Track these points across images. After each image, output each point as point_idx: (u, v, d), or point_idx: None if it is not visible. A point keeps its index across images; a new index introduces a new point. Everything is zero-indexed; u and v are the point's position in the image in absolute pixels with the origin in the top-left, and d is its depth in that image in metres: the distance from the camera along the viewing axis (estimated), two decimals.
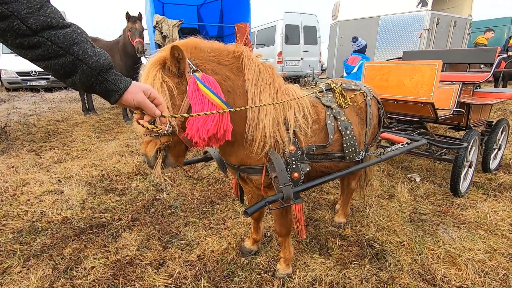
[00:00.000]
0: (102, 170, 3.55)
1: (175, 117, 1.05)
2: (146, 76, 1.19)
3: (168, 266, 2.00)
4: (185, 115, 1.09)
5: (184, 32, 8.14)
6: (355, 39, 5.60)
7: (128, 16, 5.26)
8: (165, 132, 1.16)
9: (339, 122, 1.72)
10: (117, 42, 5.81)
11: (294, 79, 13.21)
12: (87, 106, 6.85)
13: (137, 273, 1.94)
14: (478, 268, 1.94)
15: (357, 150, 1.79)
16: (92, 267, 1.97)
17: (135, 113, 0.95)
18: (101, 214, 2.64)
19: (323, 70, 15.15)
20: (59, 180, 3.32)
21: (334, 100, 1.80)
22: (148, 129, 0.99)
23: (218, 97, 1.21)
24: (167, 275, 1.92)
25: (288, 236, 1.82)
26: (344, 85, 1.90)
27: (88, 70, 0.80)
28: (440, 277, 1.87)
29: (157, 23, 5.78)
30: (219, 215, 2.65)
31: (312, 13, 12.50)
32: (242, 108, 1.29)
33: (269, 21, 12.43)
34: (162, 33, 5.80)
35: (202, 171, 3.66)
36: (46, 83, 10.36)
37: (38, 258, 2.05)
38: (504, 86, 9.25)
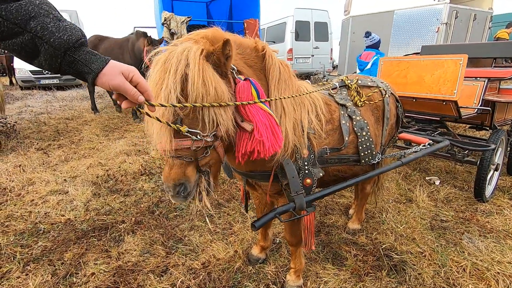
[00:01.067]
0: (108, 170, 3.49)
1: (175, 106, 0.86)
2: (202, 82, 0.91)
3: (171, 274, 1.90)
4: (178, 105, 0.89)
5: (192, 28, 8.07)
6: (368, 34, 5.37)
7: (149, 39, 5.23)
8: (208, 138, 0.96)
9: (354, 122, 1.57)
10: (127, 40, 5.80)
11: (304, 76, 12.99)
12: (95, 104, 6.86)
13: (138, 281, 1.84)
14: (510, 283, 1.76)
15: (374, 152, 1.63)
16: (92, 274, 1.88)
17: (115, 97, 0.78)
18: (104, 216, 2.57)
19: (334, 67, 14.83)
20: (64, 179, 3.28)
21: (348, 98, 1.64)
22: (175, 127, 0.84)
23: (267, 107, 1.09)
24: (169, 284, 1.82)
25: (299, 245, 1.68)
26: (360, 82, 1.74)
27: (50, 50, 0.67)
28: None
29: (165, 20, 5.70)
30: (226, 219, 2.53)
31: (323, 8, 12.23)
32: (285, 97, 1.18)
33: (280, 18, 12.21)
34: (170, 30, 5.72)
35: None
36: (58, 81, 10.50)
37: (38, 263, 1.98)
38: None
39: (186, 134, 0.94)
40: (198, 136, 0.96)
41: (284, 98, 1.22)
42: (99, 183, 3.19)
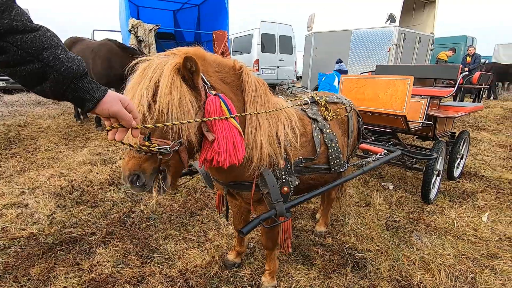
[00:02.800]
0: (72, 181, 3.34)
1: (149, 127, 0.95)
2: (169, 91, 1.02)
3: (147, 283, 1.91)
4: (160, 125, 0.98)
5: (160, 36, 7.99)
6: (338, 61, 6.00)
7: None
8: (167, 149, 1.04)
9: (325, 135, 1.77)
10: (102, 45, 5.38)
11: (270, 87, 13.38)
12: (79, 110, 6.42)
13: None
14: (449, 272, 2.07)
15: (342, 161, 1.84)
16: None
17: (108, 124, 0.86)
18: (72, 228, 2.47)
19: (298, 78, 15.52)
20: (22, 191, 3.07)
21: (319, 113, 1.85)
22: (145, 148, 0.91)
23: (237, 122, 1.19)
24: None
25: (274, 249, 1.82)
26: (328, 98, 1.96)
27: (59, 78, 0.74)
28: (417, 283, 1.96)
29: (132, 27, 5.61)
30: (200, 227, 2.59)
31: (287, 23, 12.82)
32: (259, 112, 1.28)
33: (246, 29, 12.54)
34: (137, 37, 5.64)
35: (180, 180, 3.55)
36: (5, 85, 9.59)
37: (1, 281, 1.87)
38: (462, 100, 10.07)
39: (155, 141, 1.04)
40: (167, 149, 1.05)
41: (255, 113, 1.34)
42: (63, 194, 3.04)
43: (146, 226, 2.58)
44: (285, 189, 1.54)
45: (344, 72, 5.96)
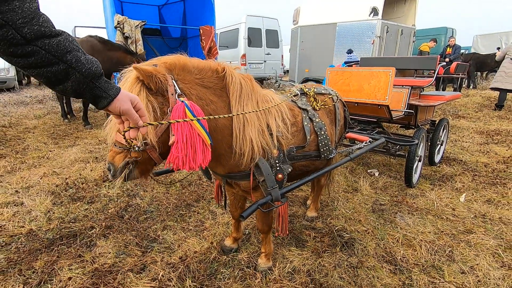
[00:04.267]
0: (66, 179, 3.36)
1: (152, 124, 1.05)
2: (128, 91, 1.12)
3: (150, 270, 2.01)
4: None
5: (145, 32, 7.91)
6: (349, 51, 6.10)
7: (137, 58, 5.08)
8: (138, 147, 1.15)
9: (314, 124, 1.89)
10: (85, 42, 5.33)
11: (258, 81, 13.46)
12: (65, 110, 6.32)
13: (118, 279, 1.92)
14: (430, 247, 2.26)
15: (330, 148, 1.97)
16: (69, 278, 1.90)
17: (112, 118, 0.96)
18: (70, 224, 2.53)
19: (285, 72, 15.66)
20: (16, 191, 3.08)
21: (308, 103, 1.97)
22: (125, 142, 1.00)
23: (204, 129, 1.24)
24: (150, 279, 1.93)
25: (269, 232, 1.95)
26: (316, 90, 2.08)
27: (81, 78, 0.82)
28: (400, 258, 2.14)
29: (118, 24, 5.56)
30: (197, 217, 2.69)
31: (273, 17, 12.88)
32: (226, 115, 1.33)
33: (232, 23, 12.53)
34: (124, 33, 5.59)
35: (175, 174, 3.64)
36: None
37: (6, 274, 1.92)
38: (443, 89, 10.44)
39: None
40: (134, 148, 1.16)
41: (219, 117, 1.33)
42: (58, 192, 3.07)
43: (144, 219, 2.66)
44: (280, 176, 1.66)
45: (356, 62, 6.08)
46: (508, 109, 7.74)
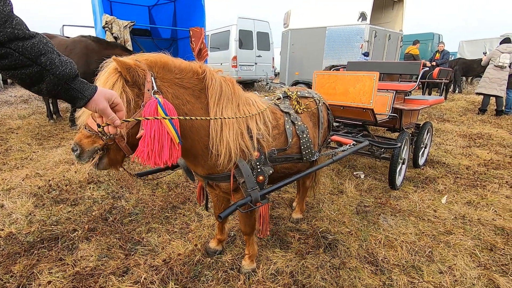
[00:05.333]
0: (49, 180, 3.30)
1: (128, 121, 1.07)
2: (105, 80, 1.18)
3: (133, 273, 1.99)
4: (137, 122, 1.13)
5: (135, 33, 7.83)
6: (366, 54, 6.28)
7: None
8: (110, 135, 1.14)
9: (296, 127, 1.92)
10: (77, 43, 5.21)
11: (248, 83, 13.51)
12: (51, 110, 6.20)
13: (99, 283, 1.90)
14: (410, 248, 2.31)
15: (312, 151, 2.00)
16: (49, 282, 1.87)
17: (99, 119, 0.98)
18: (52, 226, 2.48)
19: (276, 75, 15.75)
20: None
21: (291, 106, 2.00)
22: (98, 130, 1.02)
23: (174, 128, 1.26)
24: (132, 281, 1.92)
25: (252, 234, 1.96)
26: (299, 93, 2.12)
27: (55, 80, 0.82)
28: (381, 259, 2.18)
29: (106, 24, 5.50)
30: (182, 219, 2.68)
31: (264, 19, 12.95)
32: (199, 118, 1.33)
33: (223, 25, 12.54)
34: (112, 34, 5.54)
35: (161, 176, 3.61)
36: None
37: None
38: (429, 93, 10.69)
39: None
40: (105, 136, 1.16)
41: (185, 118, 1.34)
42: (40, 194, 3.01)
43: (128, 221, 2.63)
44: (261, 178, 1.68)
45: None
46: (490, 113, 7.98)
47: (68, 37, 5.78)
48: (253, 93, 1.89)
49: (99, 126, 1.09)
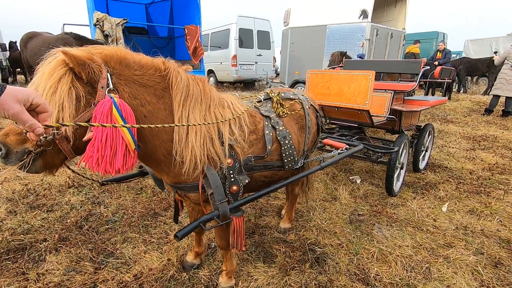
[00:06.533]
0: (27, 184, 3.15)
1: (52, 126, 0.88)
2: (49, 74, 1.02)
3: None
4: (83, 123, 0.94)
5: (131, 31, 7.70)
6: (361, 56, 6.16)
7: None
8: (44, 137, 0.98)
9: (277, 132, 1.73)
10: (60, 40, 5.27)
11: (249, 82, 13.34)
12: None
13: None
14: (406, 263, 2.11)
15: (296, 158, 1.82)
16: None
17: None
18: (22, 235, 2.32)
19: (277, 74, 15.55)
20: None
21: (272, 109, 1.81)
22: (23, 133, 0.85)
23: (130, 132, 1.12)
24: None
25: (229, 248, 1.77)
26: (283, 94, 1.93)
27: None
28: (373, 276, 1.99)
29: (97, 21, 5.36)
30: (162, 228, 2.51)
31: (265, 18, 12.75)
32: (159, 125, 1.17)
33: (224, 24, 12.37)
34: (103, 32, 5.39)
35: (147, 180, 3.45)
36: None
37: None
38: (432, 94, 10.42)
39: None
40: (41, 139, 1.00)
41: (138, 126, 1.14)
42: (16, 199, 2.86)
43: (104, 230, 2.47)
44: (234, 187, 1.50)
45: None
46: (496, 114, 7.71)
47: (52, 34, 5.73)
48: (232, 94, 1.71)
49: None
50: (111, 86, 1.12)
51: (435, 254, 2.24)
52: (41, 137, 0.97)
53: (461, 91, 12.65)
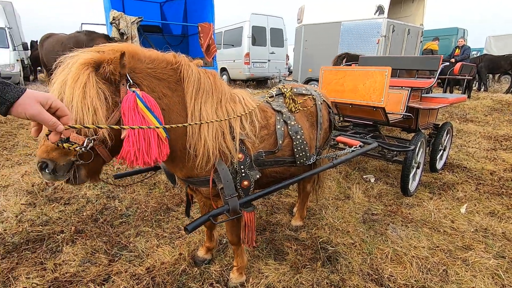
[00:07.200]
0: None
1: (89, 127, 0.93)
2: (73, 80, 1.02)
3: (113, 282, 1.86)
4: (105, 126, 0.98)
5: (145, 30, 7.82)
6: None
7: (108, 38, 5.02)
8: (83, 147, 1.01)
9: (289, 127, 1.71)
10: (72, 38, 5.52)
11: (261, 80, 13.31)
12: None
13: None
14: (422, 265, 2.05)
15: (308, 154, 1.79)
16: None
17: (33, 125, 0.81)
18: (40, 227, 2.40)
19: (290, 72, 15.44)
20: None
21: (284, 105, 1.79)
22: (60, 146, 0.87)
23: (158, 120, 1.14)
24: None
25: (240, 244, 1.78)
26: (295, 90, 1.90)
27: None
28: (387, 276, 1.94)
29: (113, 19, 5.46)
30: (174, 223, 2.53)
31: (278, 15, 12.67)
32: (180, 125, 1.21)
33: (237, 22, 12.38)
34: (119, 30, 5.50)
35: (160, 176, 3.49)
36: None
37: None
38: (451, 91, 10.08)
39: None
40: (82, 149, 1.02)
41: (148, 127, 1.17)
42: (35, 192, 2.96)
43: (119, 223, 2.52)
44: (245, 183, 1.49)
45: None
46: None
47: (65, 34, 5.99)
48: (245, 90, 1.70)
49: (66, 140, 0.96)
50: (130, 81, 1.14)
51: (452, 256, 2.16)
52: (82, 147, 1.01)
53: (482, 89, 12.16)
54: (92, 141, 1.04)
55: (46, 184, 3.12)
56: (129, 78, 1.14)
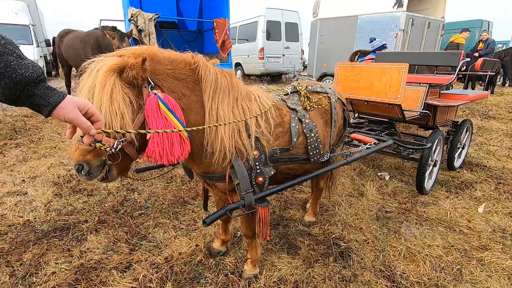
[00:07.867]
0: (70, 170, 3.43)
1: (107, 132, 1.00)
2: (101, 87, 1.08)
3: (134, 270, 1.97)
4: (132, 131, 1.05)
5: (162, 26, 7.93)
6: (371, 40, 5.86)
7: (118, 35, 5.10)
8: (113, 149, 1.09)
9: (303, 125, 1.74)
10: (90, 34, 5.71)
11: (275, 75, 13.26)
12: None
13: (101, 277, 1.90)
14: (435, 263, 2.05)
15: (322, 152, 1.82)
16: (53, 273, 1.90)
17: (69, 127, 0.88)
18: (66, 216, 2.56)
19: (305, 67, 15.28)
20: (23, 180, 3.18)
21: (299, 103, 1.82)
22: (93, 146, 0.94)
23: (179, 121, 1.20)
24: (132, 278, 1.89)
25: (254, 237, 1.84)
26: (310, 88, 1.92)
27: (11, 84, 0.74)
28: (399, 274, 1.95)
29: (132, 17, 5.59)
30: (191, 216, 2.63)
31: (293, 9, 12.53)
32: (200, 127, 1.27)
33: (251, 16, 12.34)
34: (137, 27, 5.62)
35: (177, 170, 3.60)
36: None
37: None
38: (473, 87, 9.70)
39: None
40: (112, 150, 1.10)
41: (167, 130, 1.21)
42: (60, 183, 3.13)
43: (138, 215, 2.64)
44: (260, 179, 1.54)
45: (381, 48, 5.74)
46: None
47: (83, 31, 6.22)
48: (260, 87, 1.74)
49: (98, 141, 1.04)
50: (152, 83, 1.20)
51: (467, 256, 2.14)
52: (112, 149, 1.09)
53: (507, 84, 11.64)
54: (121, 143, 1.12)
55: (71, 176, 3.29)
56: (150, 80, 1.19)
